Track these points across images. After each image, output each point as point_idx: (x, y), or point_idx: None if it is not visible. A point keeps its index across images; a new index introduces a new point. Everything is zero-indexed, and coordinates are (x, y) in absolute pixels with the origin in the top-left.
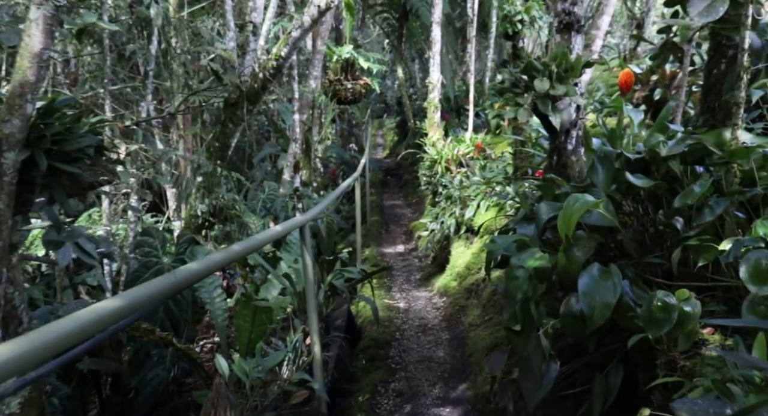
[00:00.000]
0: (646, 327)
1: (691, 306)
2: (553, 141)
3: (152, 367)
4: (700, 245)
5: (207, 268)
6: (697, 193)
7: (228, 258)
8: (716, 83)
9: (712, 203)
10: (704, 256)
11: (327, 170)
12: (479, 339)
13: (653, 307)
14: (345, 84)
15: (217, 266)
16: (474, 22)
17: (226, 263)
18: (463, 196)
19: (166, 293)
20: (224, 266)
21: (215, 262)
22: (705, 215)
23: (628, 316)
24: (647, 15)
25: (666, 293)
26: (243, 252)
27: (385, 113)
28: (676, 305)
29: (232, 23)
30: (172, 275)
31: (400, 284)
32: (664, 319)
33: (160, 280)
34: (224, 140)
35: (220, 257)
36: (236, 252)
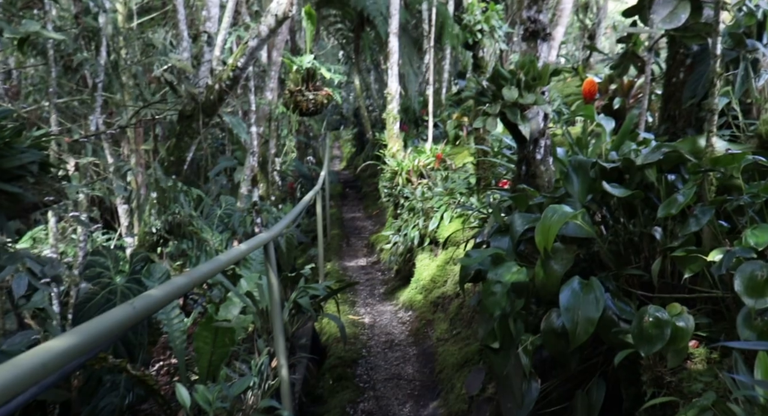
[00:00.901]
0: (638, 344)
1: (684, 321)
2: (521, 151)
3: (105, 394)
4: (687, 256)
5: (169, 294)
6: (680, 202)
7: (192, 282)
8: (675, 92)
9: (697, 213)
10: (690, 267)
11: (285, 182)
12: (449, 354)
13: (645, 323)
14: (306, 95)
15: (179, 292)
16: (431, 34)
17: (190, 287)
18: (426, 207)
19: (123, 325)
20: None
21: (178, 287)
22: (690, 225)
23: (612, 332)
24: (598, 26)
25: (657, 308)
26: (207, 274)
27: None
28: (668, 321)
29: (185, 33)
30: (130, 305)
31: (364, 299)
32: (656, 335)
33: (117, 311)
34: (179, 153)
35: (183, 282)
36: (201, 274)
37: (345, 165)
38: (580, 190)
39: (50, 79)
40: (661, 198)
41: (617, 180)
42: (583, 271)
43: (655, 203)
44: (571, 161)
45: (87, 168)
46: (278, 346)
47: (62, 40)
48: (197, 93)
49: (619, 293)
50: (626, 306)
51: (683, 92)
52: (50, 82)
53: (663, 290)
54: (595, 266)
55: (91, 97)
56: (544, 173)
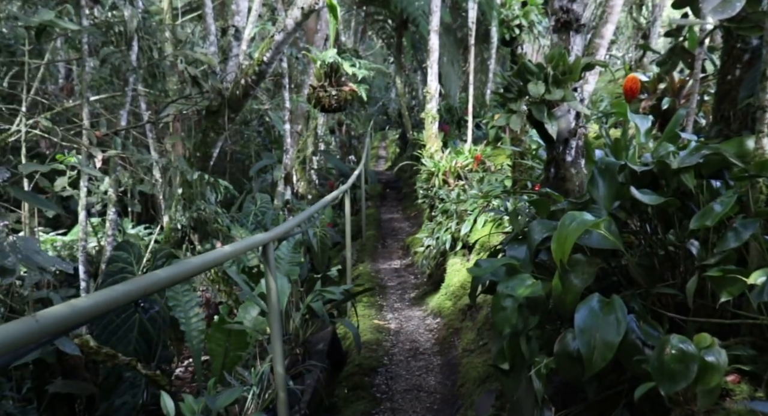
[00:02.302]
0: (658, 381)
1: (714, 356)
2: (550, 152)
3: (124, 392)
4: (723, 277)
5: (77, 313)
6: (717, 212)
7: (134, 290)
8: (731, 90)
9: (737, 226)
10: (728, 290)
11: (326, 181)
12: (472, 367)
13: (666, 356)
14: (329, 91)
15: (111, 303)
16: (473, 31)
17: (128, 299)
18: (460, 210)
19: (18, 342)
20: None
21: (109, 297)
22: (728, 240)
23: (635, 360)
24: (653, 25)
25: (682, 339)
26: (163, 282)
27: (388, 125)
28: (695, 355)
29: (212, 27)
30: (33, 318)
31: (393, 303)
32: (679, 372)
33: (14, 326)
34: (205, 149)
35: (120, 292)
36: (149, 283)
37: (389, 165)
38: (606, 195)
39: (84, 73)
40: (700, 207)
41: (651, 186)
42: (608, 287)
43: (693, 212)
44: (598, 162)
45: (115, 162)
46: (275, 354)
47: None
48: (223, 88)
49: (646, 315)
50: (653, 330)
51: (739, 91)
52: (84, 76)
53: (699, 313)
54: (623, 282)
55: (123, 91)
56: (574, 177)
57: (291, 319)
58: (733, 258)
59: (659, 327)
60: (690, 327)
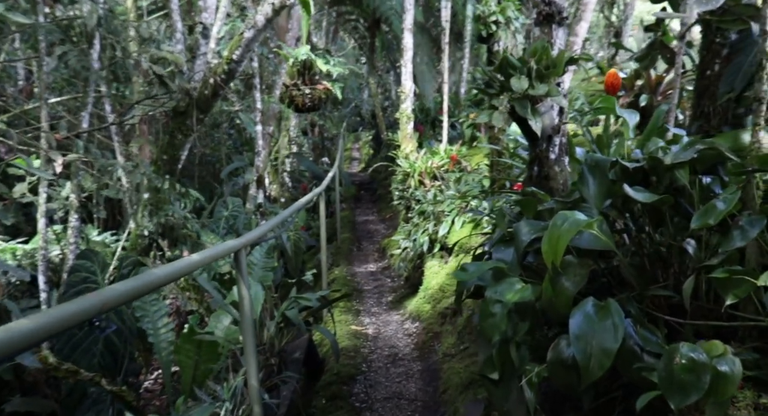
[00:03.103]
0: (667, 392)
1: (728, 366)
2: (533, 149)
3: (87, 409)
4: (729, 278)
5: (14, 339)
6: (721, 210)
7: (88, 308)
8: (710, 86)
9: (744, 224)
10: (734, 292)
11: (299, 184)
12: (453, 372)
13: (676, 366)
14: (302, 89)
15: (50, 331)
16: (447, 30)
17: (81, 318)
18: (437, 211)
19: None
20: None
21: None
22: (734, 239)
23: (634, 368)
24: (625, 23)
25: (692, 347)
26: (123, 296)
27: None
28: (707, 364)
29: (179, 24)
30: None
31: (370, 308)
32: (690, 383)
33: None
34: (173, 152)
35: (71, 312)
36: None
37: (363, 167)
38: (597, 194)
39: (42, 73)
40: (695, 204)
41: (642, 183)
42: (600, 289)
43: (686, 209)
44: (587, 160)
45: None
46: (249, 367)
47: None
48: (191, 88)
49: (643, 319)
50: (651, 335)
51: (719, 86)
52: (42, 76)
53: (697, 315)
54: (614, 283)
55: (84, 92)
56: (558, 175)
57: (265, 328)
58: (735, 259)
59: (657, 331)
60: (687, 331)
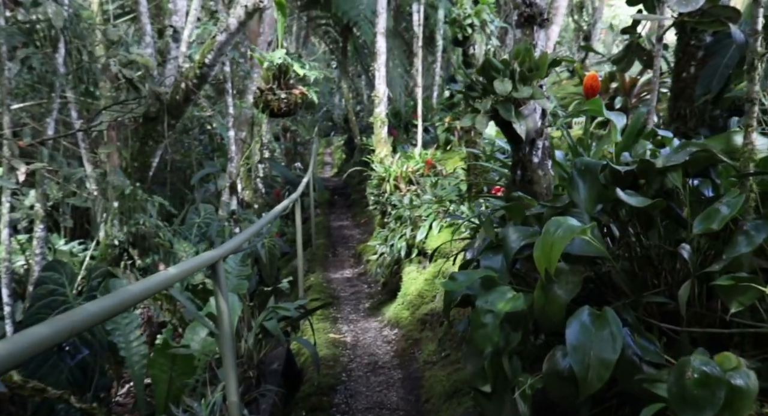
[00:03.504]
0: (679, 409)
1: (743, 379)
2: (516, 153)
3: None
4: (735, 286)
5: None
6: (725, 214)
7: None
8: (686, 88)
9: (749, 229)
10: (740, 299)
11: (272, 190)
12: (436, 381)
13: (687, 381)
14: (278, 94)
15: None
16: (420, 35)
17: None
18: (414, 216)
19: None
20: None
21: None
22: (738, 245)
23: (636, 379)
24: (594, 27)
25: (704, 360)
26: (94, 317)
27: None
28: (720, 379)
29: (148, 27)
30: None
31: (348, 315)
32: (704, 399)
33: None
34: (143, 158)
35: (34, 339)
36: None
37: (336, 172)
38: (588, 198)
39: (3, 78)
40: (685, 208)
41: (631, 186)
42: (590, 297)
43: (677, 213)
44: (576, 163)
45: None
46: (228, 383)
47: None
48: (162, 92)
49: (640, 328)
50: (649, 344)
51: (695, 88)
52: (2, 81)
53: (693, 322)
54: (606, 290)
55: (49, 98)
56: (542, 179)
57: (243, 340)
58: (739, 265)
59: (655, 340)
60: (684, 338)
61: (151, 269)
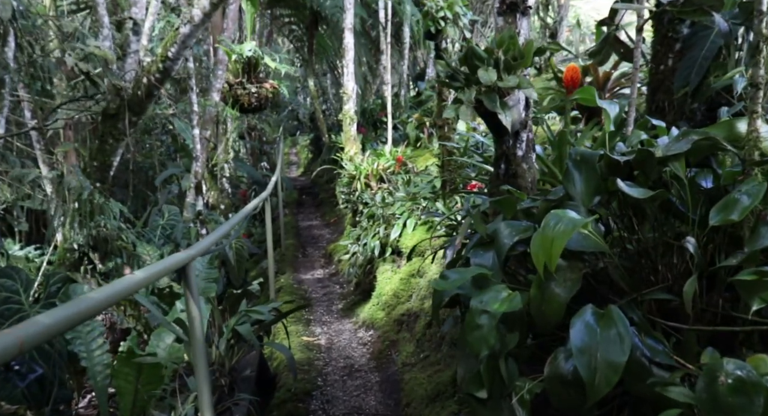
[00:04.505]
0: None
1: None
2: (500, 146)
3: None
4: (758, 281)
5: None
6: (746, 205)
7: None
8: (664, 80)
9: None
10: (762, 296)
11: (238, 190)
12: (416, 383)
13: (720, 387)
14: (248, 88)
15: None
16: (388, 30)
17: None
18: (387, 214)
19: None
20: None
21: None
22: (762, 237)
23: (648, 383)
24: (560, 24)
25: (738, 364)
26: (48, 330)
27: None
28: (758, 384)
29: (105, 19)
30: None
31: (320, 316)
32: (740, 406)
33: None
34: (103, 158)
35: None
36: (36, 332)
37: (302, 171)
38: (585, 190)
39: None
40: (686, 199)
41: (627, 178)
42: (586, 295)
43: (675, 205)
44: (571, 154)
45: None
46: (202, 395)
47: None
48: (123, 87)
49: (648, 327)
50: (657, 344)
51: (673, 81)
52: None
53: (700, 320)
54: (603, 287)
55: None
56: (526, 173)
57: (214, 346)
58: (756, 259)
59: (663, 339)
60: (690, 337)
61: (114, 273)
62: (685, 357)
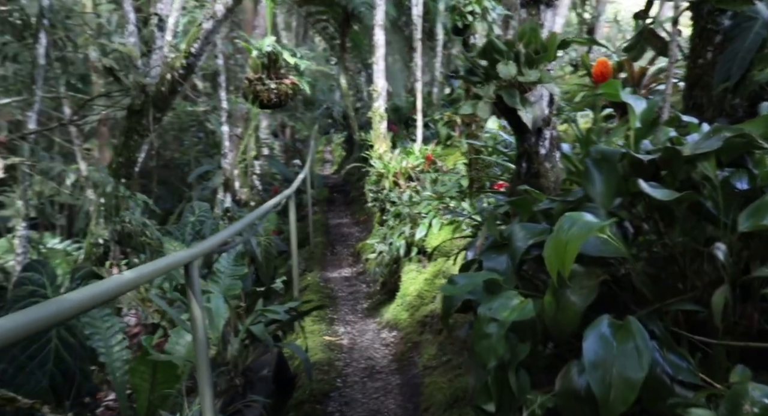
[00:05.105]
0: None
1: None
2: (522, 144)
3: None
4: None
5: None
6: None
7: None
8: (703, 75)
9: None
10: None
11: (270, 187)
12: (436, 388)
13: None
14: (267, 84)
15: None
16: (419, 27)
17: None
18: (413, 213)
19: None
20: None
21: None
22: None
23: (669, 404)
24: (597, 20)
25: (764, 390)
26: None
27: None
28: None
29: (131, 15)
30: None
31: (344, 316)
32: None
33: None
34: (128, 154)
35: None
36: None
37: (336, 169)
38: (605, 191)
39: None
40: (718, 201)
41: (652, 178)
42: (606, 303)
43: (705, 208)
44: (591, 152)
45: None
46: (204, 398)
47: None
48: (147, 83)
49: (670, 341)
50: (681, 361)
51: (712, 76)
52: None
53: (731, 333)
54: (624, 295)
55: (30, 90)
56: (549, 172)
57: (229, 345)
58: None
59: (688, 355)
60: (719, 353)
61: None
62: (712, 374)
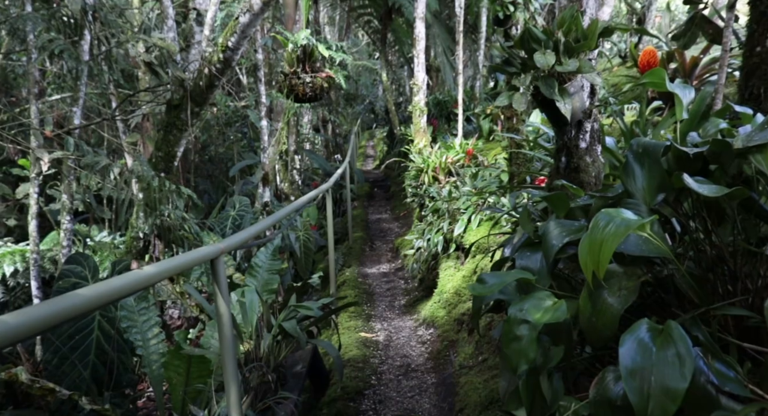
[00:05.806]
0: None
1: None
2: (561, 137)
3: None
4: None
5: None
6: None
7: None
8: (761, 64)
9: None
10: None
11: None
12: (471, 388)
13: None
14: (303, 78)
15: None
16: (461, 19)
17: None
18: (452, 209)
19: None
20: None
21: None
22: None
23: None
24: (648, 9)
25: None
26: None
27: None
28: None
29: (170, 9)
30: None
31: (382, 312)
32: None
33: None
34: (168, 148)
35: None
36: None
37: (377, 164)
38: (647, 186)
39: (30, 66)
40: None
41: (700, 172)
42: (647, 306)
43: (759, 205)
44: (633, 145)
45: (68, 164)
46: (229, 395)
47: (32, 19)
48: (185, 78)
49: (716, 348)
50: (727, 370)
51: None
52: (30, 69)
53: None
54: (668, 297)
55: (74, 86)
56: (590, 167)
57: (262, 340)
58: None
59: (736, 364)
60: None
61: None
62: (763, 386)
